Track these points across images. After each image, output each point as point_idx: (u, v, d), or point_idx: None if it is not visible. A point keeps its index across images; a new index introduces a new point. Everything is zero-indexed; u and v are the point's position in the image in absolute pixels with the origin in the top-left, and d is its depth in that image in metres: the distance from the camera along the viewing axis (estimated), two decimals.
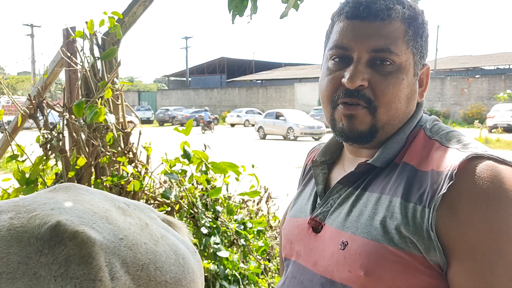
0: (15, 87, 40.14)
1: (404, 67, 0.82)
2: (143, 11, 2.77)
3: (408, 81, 0.83)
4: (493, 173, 0.70)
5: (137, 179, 2.48)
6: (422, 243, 0.71)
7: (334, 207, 0.87)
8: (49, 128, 2.40)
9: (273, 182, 4.83)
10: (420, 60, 0.86)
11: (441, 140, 0.81)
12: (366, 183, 0.84)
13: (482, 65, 35.51)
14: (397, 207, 0.75)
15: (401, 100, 0.82)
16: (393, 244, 0.73)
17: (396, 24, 0.82)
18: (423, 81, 0.89)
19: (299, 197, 1.02)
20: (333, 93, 0.85)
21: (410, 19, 0.83)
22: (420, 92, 0.88)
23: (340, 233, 0.81)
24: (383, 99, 0.81)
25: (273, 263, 3.14)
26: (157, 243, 1.07)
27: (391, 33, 0.81)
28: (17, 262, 0.87)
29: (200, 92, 41.61)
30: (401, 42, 0.81)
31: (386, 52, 0.80)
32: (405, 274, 0.73)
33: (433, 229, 0.70)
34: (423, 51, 0.86)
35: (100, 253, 0.92)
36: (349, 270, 0.77)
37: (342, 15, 0.85)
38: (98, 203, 1.08)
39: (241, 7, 1.99)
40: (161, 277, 1.02)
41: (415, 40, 0.84)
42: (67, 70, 2.69)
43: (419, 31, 0.84)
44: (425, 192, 0.73)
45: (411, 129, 0.86)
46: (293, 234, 0.95)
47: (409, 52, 0.83)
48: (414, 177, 0.77)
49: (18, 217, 0.93)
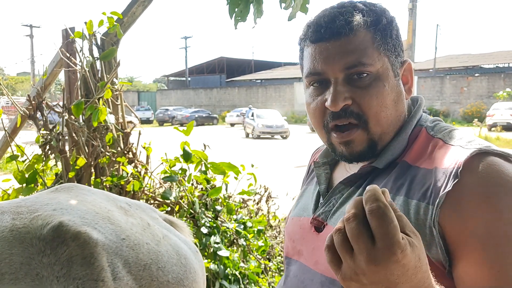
0: (14, 87, 40.11)
1: (382, 74, 0.82)
2: (142, 11, 2.76)
3: (391, 86, 0.83)
4: (499, 168, 0.70)
5: (137, 179, 2.48)
6: (424, 240, 0.71)
7: (336, 207, 0.87)
8: (49, 129, 2.40)
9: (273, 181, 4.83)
10: (397, 59, 0.85)
11: (444, 138, 0.81)
12: (367, 183, 0.84)
13: (481, 63, 35.50)
14: (400, 204, 0.75)
15: (388, 106, 0.82)
16: None
17: (361, 34, 0.81)
18: (407, 77, 0.88)
19: (302, 197, 1.03)
20: (322, 118, 0.85)
21: (374, 24, 0.82)
22: (407, 88, 0.88)
23: None
24: (371, 112, 0.81)
25: (273, 263, 3.14)
26: (159, 243, 1.07)
27: (359, 45, 0.80)
28: (20, 262, 0.87)
29: (200, 92, 41.59)
30: (371, 50, 0.81)
31: (359, 66, 0.80)
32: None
33: (435, 226, 0.70)
34: (397, 50, 0.85)
35: (102, 253, 0.92)
36: None
37: (307, 39, 0.85)
38: (100, 204, 1.08)
39: (245, 12, 1.98)
40: (163, 277, 1.02)
41: (385, 42, 0.83)
42: (66, 70, 2.69)
43: (386, 32, 0.83)
44: (429, 190, 0.73)
45: (412, 129, 0.86)
46: (295, 233, 0.95)
47: (382, 56, 0.82)
48: (417, 175, 0.77)
49: (20, 218, 0.93)
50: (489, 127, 19.28)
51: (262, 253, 2.93)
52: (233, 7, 1.98)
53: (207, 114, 33.25)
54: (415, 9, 15.81)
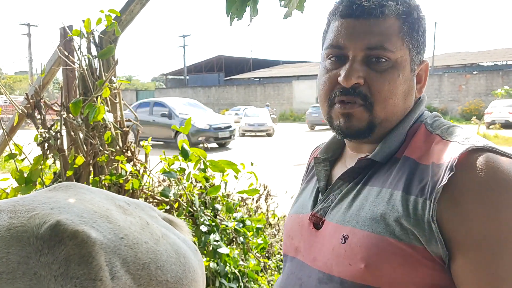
0: (12, 86, 40.04)
1: (399, 63, 0.82)
2: (140, 9, 2.75)
3: (405, 77, 0.84)
4: (494, 165, 0.70)
5: (136, 177, 2.48)
6: (423, 235, 0.71)
7: (335, 203, 0.87)
8: (47, 127, 2.39)
9: (272, 179, 4.83)
10: (417, 56, 0.86)
11: (442, 134, 0.81)
12: (366, 178, 0.84)
13: (479, 61, 35.53)
14: (398, 200, 0.75)
15: (398, 96, 0.83)
16: (394, 236, 0.74)
17: (390, 20, 0.82)
18: (422, 77, 0.89)
19: (301, 194, 1.03)
20: (330, 91, 0.86)
21: (405, 14, 0.83)
22: (419, 88, 0.89)
23: (341, 228, 0.81)
24: (379, 96, 0.82)
25: (272, 261, 3.14)
26: (158, 242, 1.07)
27: (385, 30, 0.82)
28: (17, 262, 0.86)
29: (198, 90, 41.57)
30: (395, 38, 0.82)
31: (381, 50, 0.81)
32: (406, 266, 0.73)
33: (434, 220, 0.71)
34: (419, 46, 0.86)
35: (100, 252, 0.91)
36: (350, 263, 0.77)
37: (336, 14, 0.86)
38: (99, 202, 1.08)
39: (241, 10, 1.99)
40: (162, 276, 1.02)
41: (411, 35, 0.84)
42: (64, 69, 2.68)
43: (414, 26, 0.84)
44: (426, 185, 0.73)
45: (410, 124, 0.86)
46: (294, 230, 0.95)
47: (404, 48, 0.83)
48: (415, 171, 0.77)
49: (17, 217, 0.93)
50: (488, 124, 19.31)
51: (261, 251, 2.93)
52: (230, 5, 1.98)
53: None
54: None
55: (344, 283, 0.77)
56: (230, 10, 1.98)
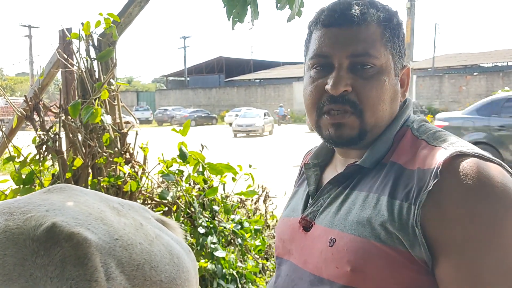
0: (13, 88, 40.10)
1: (385, 69, 0.84)
2: (139, 12, 2.77)
3: (390, 82, 0.85)
4: (478, 170, 0.71)
5: (134, 179, 2.48)
6: (407, 239, 0.72)
7: (324, 207, 0.88)
8: (46, 129, 2.40)
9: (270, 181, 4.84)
10: (400, 60, 0.88)
11: (428, 139, 0.82)
12: (355, 183, 0.85)
13: (480, 62, 35.50)
14: (384, 204, 0.76)
15: (386, 101, 0.84)
16: (379, 240, 0.75)
17: (372, 27, 0.83)
18: (404, 81, 0.90)
19: (293, 198, 1.04)
20: (318, 100, 0.86)
21: (386, 21, 0.85)
22: (402, 92, 0.90)
23: (329, 231, 0.83)
24: (368, 102, 0.83)
25: (271, 262, 3.15)
26: (152, 243, 1.08)
27: (368, 37, 0.83)
28: (13, 263, 0.87)
29: (199, 91, 41.57)
30: (379, 44, 0.83)
31: (366, 56, 0.82)
32: (391, 269, 0.74)
33: (418, 225, 0.72)
34: (401, 51, 0.88)
35: (95, 254, 0.92)
36: (337, 266, 0.78)
37: (318, 23, 0.87)
38: (93, 204, 1.09)
39: (242, 13, 2.01)
40: (156, 277, 1.03)
41: (393, 41, 0.85)
42: (63, 71, 2.69)
43: (395, 32, 0.86)
44: (412, 190, 0.74)
45: (397, 129, 0.87)
46: (285, 233, 0.97)
47: (388, 53, 0.84)
48: (401, 176, 0.78)
49: (13, 219, 0.94)
50: None
51: (259, 252, 2.94)
52: (231, 9, 1.99)
53: (206, 114, 33.25)
54: (414, 8, 15.82)
55: (333, 285, 0.78)
56: (231, 14, 1.99)
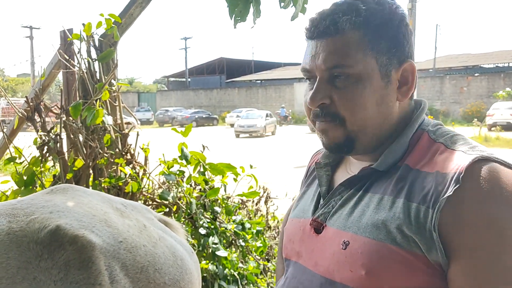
0: (15, 89, 40.18)
1: (364, 75, 0.81)
2: (140, 13, 2.77)
3: (373, 87, 0.82)
4: (498, 176, 0.71)
5: (135, 180, 2.48)
6: (424, 243, 0.71)
7: (335, 208, 0.87)
8: (47, 130, 2.40)
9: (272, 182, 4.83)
10: (391, 60, 0.83)
11: (446, 142, 0.81)
12: (368, 185, 0.84)
13: (481, 63, 35.49)
14: (400, 207, 0.75)
15: (367, 108, 0.82)
16: (395, 243, 0.74)
17: (348, 35, 0.81)
18: (407, 78, 0.86)
19: (302, 198, 1.03)
20: (309, 111, 0.88)
21: (363, 24, 0.81)
22: (405, 90, 0.86)
23: (342, 233, 0.82)
24: (346, 112, 0.82)
25: (272, 263, 3.14)
26: (156, 245, 1.07)
27: (342, 46, 0.81)
28: (17, 267, 0.86)
29: (200, 92, 41.60)
30: (354, 52, 0.81)
31: (339, 67, 0.82)
32: (406, 273, 0.73)
33: (435, 229, 0.71)
34: (392, 50, 0.83)
35: (100, 257, 0.91)
36: (350, 270, 0.77)
37: (305, 36, 0.89)
38: (96, 205, 1.08)
39: (244, 12, 2.01)
40: (160, 279, 1.02)
41: (376, 43, 0.82)
42: (64, 72, 2.69)
43: (379, 33, 0.82)
44: (429, 193, 0.73)
45: (413, 132, 0.85)
46: (295, 234, 0.95)
47: (368, 58, 0.82)
48: (417, 179, 0.77)
49: (16, 221, 0.93)
50: (489, 126, 19.27)
51: (260, 253, 2.94)
52: (233, 8, 1.99)
53: (207, 115, 33.27)
54: (415, 9, 15.81)
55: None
56: (233, 13, 1.99)
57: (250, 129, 22.40)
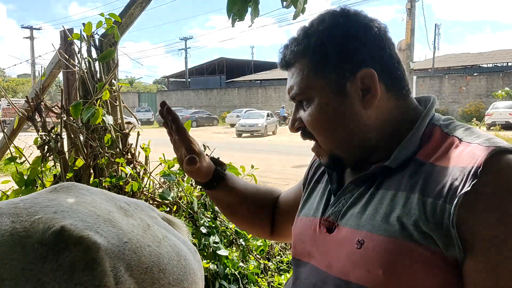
0: (15, 89, 40.16)
1: (318, 96, 0.84)
2: (140, 12, 2.77)
3: (328, 106, 0.83)
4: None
5: (136, 180, 2.48)
6: (441, 239, 0.70)
7: (346, 207, 0.85)
8: (47, 130, 2.40)
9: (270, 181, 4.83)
10: (341, 75, 0.82)
11: (460, 136, 0.79)
12: (379, 182, 0.82)
13: (480, 63, 35.49)
14: (415, 203, 0.73)
15: (332, 124, 0.84)
16: (412, 240, 0.72)
17: (300, 62, 0.86)
18: (369, 85, 0.82)
19: (310, 196, 1.00)
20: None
21: (305, 50, 0.84)
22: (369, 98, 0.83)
23: (356, 232, 0.79)
24: (315, 133, 0.87)
25: (272, 262, 3.15)
26: (160, 245, 1.06)
27: (295, 75, 0.87)
28: (21, 268, 0.85)
29: (200, 92, 41.58)
30: (305, 77, 0.85)
31: (298, 95, 0.87)
32: (424, 271, 0.71)
33: (454, 225, 0.69)
34: (340, 65, 0.82)
35: (105, 258, 0.91)
36: (367, 270, 0.75)
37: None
38: (100, 204, 1.07)
39: (242, 11, 2.01)
40: (164, 279, 1.02)
41: (320, 63, 0.83)
42: (65, 72, 2.69)
43: (319, 55, 0.83)
44: (445, 188, 0.71)
45: (424, 127, 0.84)
46: (305, 234, 0.93)
47: (317, 79, 0.83)
48: (432, 173, 0.75)
49: (20, 221, 0.91)
50: (488, 126, 19.28)
51: (261, 253, 2.94)
52: (231, 6, 1.99)
53: (207, 115, 33.25)
54: (414, 9, 15.79)
55: None
56: (231, 12, 1.99)
57: (251, 128, 22.51)
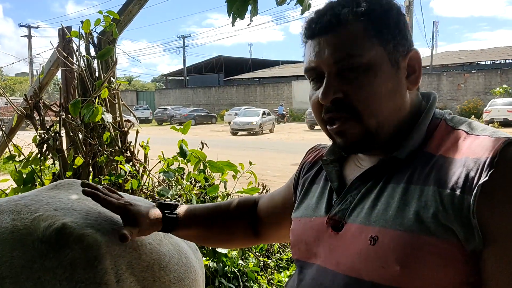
0: (13, 88, 40.08)
1: (374, 64, 0.80)
2: (139, 10, 2.76)
3: (385, 75, 0.80)
4: None
5: (135, 177, 2.48)
6: (461, 231, 0.69)
7: (354, 204, 0.83)
8: (46, 128, 2.40)
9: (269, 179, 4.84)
10: (397, 47, 0.82)
11: (466, 129, 0.79)
12: (387, 176, 0.81)
13: (478, 60, 35.54)
14: (431, 195, 0.73)
15: (382, 97, 0.80)
16: (429, 233, 0.71)
17: (351, 26, 0.80)
18: (414, 66, 0.85)
19: (305, 197, 0.99)
20: (320, 112, 0.85)
21: (365, 14, 0.80)
22: (414, 79, 0.84)
23: (367, 228, 0.78)
24: (362, 104, 0.80)
25: (272, 260, 3.15)
26: (161, 243, 1.06)
27: (347, 38, 0.80)
28: (21, 266, 0.85)
29: (198, 91, 41.54)
30: (361, 40, 0.80)
31: (348, 59, 0.79)
32: (442, 264, 0.70)
33: (474, 216, 0.68)
34: (396, 38, 0.82)
35: (106, 256, 0.90)
36: (382, 266, 0.73)
37: (304, 36, 0.86)
38: None
39: (242, 9, 2.02)
40: (165, 277, 1.02)
41: (380, 31, 0.81)
42: (63, 70, 2.69)
43: (382, 21, 0.81)
44: (461, 178, 0.71)
45: (429, 120, 0.84)
46: (308, 235, 0.91)
47: (375, 46, 0.80)
48: (444, 165, 0.75)
49: (20, 218, 0.91)
50: (486, 123, 19.30)
51: (260, 250, 2.94)
52: (231, 5, 2.00)
53: (206, 113, 33.24)
54: (412, 6, 15.81)
55: (377, 286, 0.74)
56: (231, 10, 2.00)
57: (246, 127, 22.53)
